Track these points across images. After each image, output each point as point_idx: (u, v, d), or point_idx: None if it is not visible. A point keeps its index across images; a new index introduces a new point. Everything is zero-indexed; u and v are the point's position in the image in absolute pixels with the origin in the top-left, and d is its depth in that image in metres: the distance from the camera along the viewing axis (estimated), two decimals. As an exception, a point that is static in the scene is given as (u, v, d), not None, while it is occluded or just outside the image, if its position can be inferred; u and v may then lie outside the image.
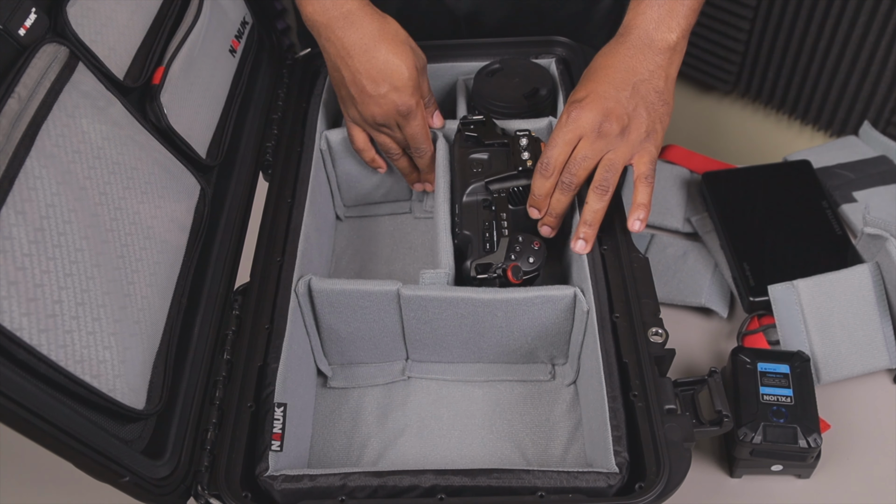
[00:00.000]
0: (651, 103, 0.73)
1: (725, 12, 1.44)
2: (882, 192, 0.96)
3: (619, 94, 0.72)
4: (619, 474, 0.60)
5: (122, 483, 0.55)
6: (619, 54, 0.75)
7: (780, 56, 1.41)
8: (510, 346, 0.78)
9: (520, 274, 0.73)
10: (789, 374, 0.75)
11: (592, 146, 0.72)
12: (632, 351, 0.67)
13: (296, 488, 0.61)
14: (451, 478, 0.61)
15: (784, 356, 0.76)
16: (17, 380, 0.48)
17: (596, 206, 0.73)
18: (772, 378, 0.75)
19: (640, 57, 0.74)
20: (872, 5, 1.21)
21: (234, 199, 0.82)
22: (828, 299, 0.80)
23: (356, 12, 0.78)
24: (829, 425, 0.78)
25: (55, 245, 0.54)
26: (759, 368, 0.75)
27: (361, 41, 0.78)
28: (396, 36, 0.79)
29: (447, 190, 0.81)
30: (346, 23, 0.78)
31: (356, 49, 0.78)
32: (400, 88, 0.78)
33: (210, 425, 0.65)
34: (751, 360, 0.76)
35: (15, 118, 0.54)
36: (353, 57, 0.78)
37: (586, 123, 0.72)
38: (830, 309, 0.80)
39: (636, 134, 0.72)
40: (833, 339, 0.79)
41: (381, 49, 0.78)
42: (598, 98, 0.72)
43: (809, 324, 0.79)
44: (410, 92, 0.79)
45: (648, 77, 0.74)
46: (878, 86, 1.28)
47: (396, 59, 0.78)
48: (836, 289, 0.80)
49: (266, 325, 0.71)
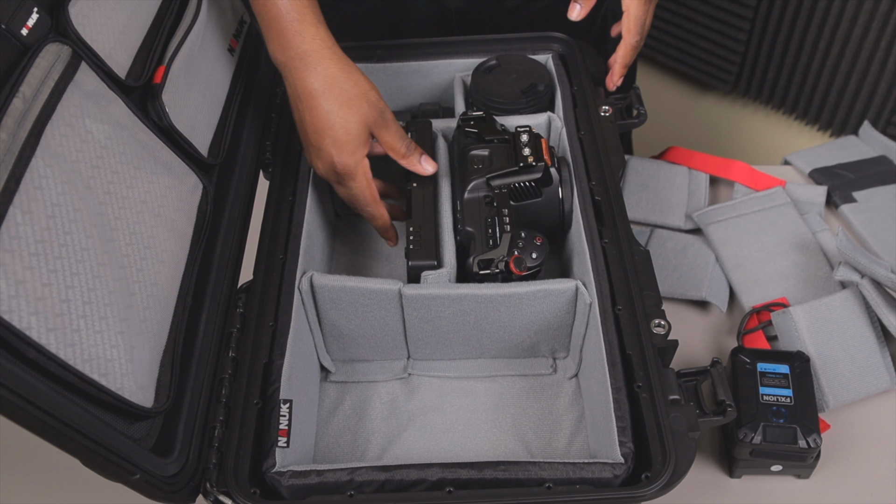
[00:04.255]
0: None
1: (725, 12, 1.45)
2: (882, 192, 0.97)
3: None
4: (624, 465, 0.61)
5: (133, 481, 0.55)
6: None
7: (780, 56, 1.41)
8: (512, 340, 0.78)
9: (523, 265, 0.73)
10: (789, 374, 0.75)
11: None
12: (635, 343, 0.68)
13: (303, 484, 0.61)
14: (458, 471, 0.61)
15: (784, 356, 0.77)
16: (27, 378, 0.48)
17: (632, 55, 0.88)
18: (771, 378, 0.75)
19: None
20: (872, 5, 1.22)
21: (235, 197, 0.82)
22: (825, 323, 0.80)
23: (313, 55, 0.73)
24: (829, 425, 0.78)
25: (62, 244, 0.54)
26: (759, 369, 0.76)
27: (311, 87, 0.73)
28: (353, 86, 0.74)
29: (448, 188, 0.81)
30: (302, 64, 0.73)
31: (304, 95, 0.74)
32: (340, 144, 0.74)
33: (217, 423, 0.65)
34: (750, 360, 0.76)
35: (20, 118, 0.54)
36: (301, 102, 0.75)
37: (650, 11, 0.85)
38: (829, 332, 0.80)
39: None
40: (836, 362, 0.79)
41: (327, 99, 0.73)
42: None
43: (810, 349, 0.79)
44: (351, 150, 0.74)
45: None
46: (878, 86, 1.29)
47: (342, 111, 0.73)
48: (831, 312, 0.80)
49: (270, 322, 0.71)
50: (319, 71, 0.74)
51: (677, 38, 1.57)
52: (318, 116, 0.74)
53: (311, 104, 0.74)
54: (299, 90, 0.75)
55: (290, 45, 0.74)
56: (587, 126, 0.85)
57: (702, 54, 1.54)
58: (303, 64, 0.74)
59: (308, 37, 0.74)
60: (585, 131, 0.85)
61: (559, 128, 0.87)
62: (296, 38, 0.73)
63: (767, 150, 1.56)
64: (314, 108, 0.74)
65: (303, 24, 0.73)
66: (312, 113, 0.74)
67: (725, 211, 0.94)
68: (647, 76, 1.72)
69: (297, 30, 0.73)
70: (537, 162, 0.78)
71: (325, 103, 0.73)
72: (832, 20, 1.28)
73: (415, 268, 0.74)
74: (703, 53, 1.54)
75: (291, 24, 0.73)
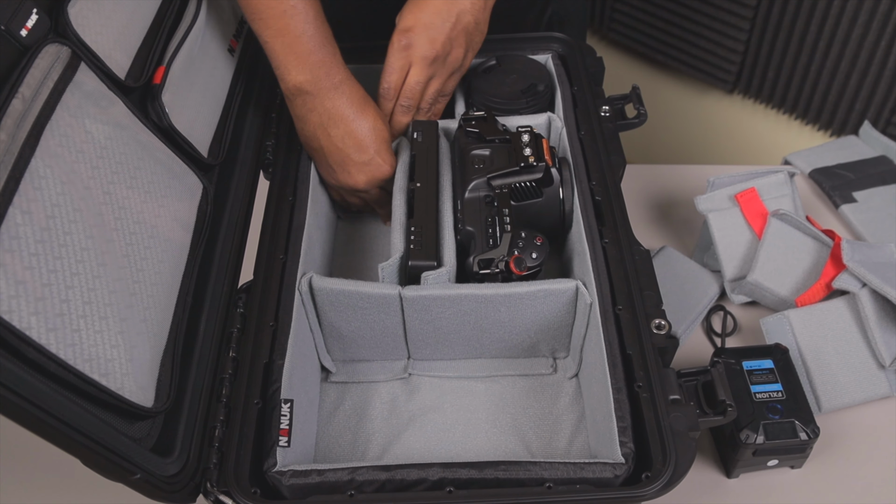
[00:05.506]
0: (470, 33, 0.82)
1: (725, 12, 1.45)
2: (882, 192, 0.97)
3: (444, 25, 0.80)
4: (625, 464, 0.61)
5: (134, 481, 0.56)
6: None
7: (780, 55, 1.42)
8: (512, 340, 0.78)
9: (523, 265, 0.73)
10: (774, 368, 0.76)
11: (422, 72, 0.82)
12: (635, 342, 0.67)
13: (304, 483, 0.61)
14: (458, 471, 0.61)
15: (763, 351, 0.77)
16: (27, 378, 0.48)
17: (403, 121, 0.85)
18: (759, 375, 0.75)
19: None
20: (872, 5, 1.22)
21: (235, 197, 0.82)
22: (819, 327, 0.80)
23: (346, 82, 0.79)
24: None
25: (61, 244, 0.54)
26: (745, 367, 0.76)
27: (343, 112, 0.79)
28: (370, 100, 0.82)
29: (450, 187, 0.81)
30: (337, 93, 0.78)
31: (338, 119, 0.79)
32: (383, 153, 0.82)
33: (217, 422, 0.65)
34: (735, 360, 0.76)
35: (19, 118, 0.54)
36: (333, 127, 0.79)
37: (416, 53, 0.80)
38: (824, 336, 0.80)
39: (454, 61, 0.83)
40: (829, 367, 0.79)
41: (362, 119, 0.80)
42: (424, 28, 0.79)
43: (805, 353, 0.80)
44: (391, 153, 0.83)
45: (470, 7, 0.80)
46: (878, 86, 1.29)
47: (376, 124, 0.80)
48: (827, 317, 0.81)
49: (270, 322, 0.71)
50: (349, 97, 0.79)
51: (677, 38, 1.58)
52: (358, 135, 0.80)
53: (349, 126, 0.79)
54: (333, 117, 0.79)
55: (327, 77, 0.78)
56: (587, 126, 0.85)
57: (702, 54, 1.54)
58: (337, 92, 0.79)
59: (341, 67, 0.79)
60: (585, 131, 0.85)
61: (559, 128, 0.87)
62: (332, 70, 0.78)
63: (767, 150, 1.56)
64: (352, 130, 0.80)
65: (335, 56, 0.78)
66: (351, 134, 0.80)
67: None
68: (647, 76, 1.72)
69: (332, 62, 0.78)
70: (538, 162, 0.78)
71: (360, 123, 0.80)
72: (832, 20, 1.28)
73: (415, 268, 0.74)
74: (703, 53, 1.54)
75: (327, 57, 0.77)
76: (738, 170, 0.95)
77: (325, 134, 0.80)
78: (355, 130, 0.80)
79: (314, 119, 0.80)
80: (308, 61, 0.76)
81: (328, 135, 0.80)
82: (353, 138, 0.80)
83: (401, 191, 0.80)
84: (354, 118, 0.79)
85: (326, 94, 0.78)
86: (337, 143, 0.80)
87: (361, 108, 0.80)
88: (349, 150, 0.80)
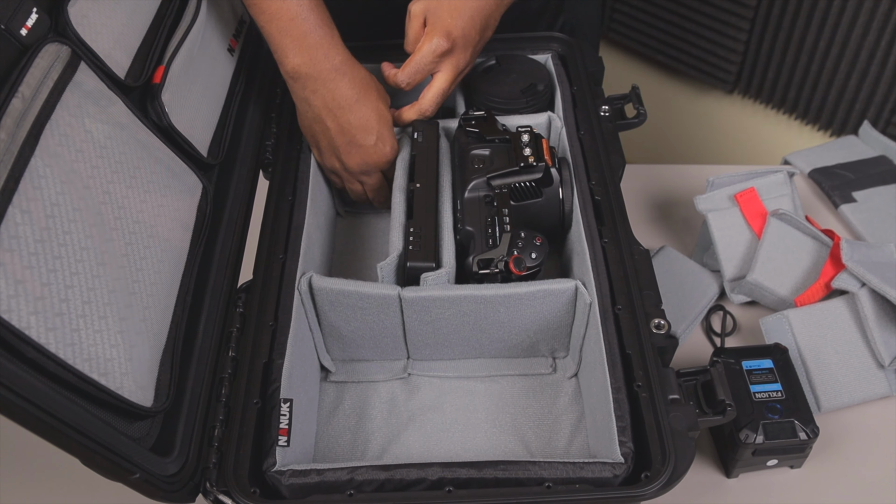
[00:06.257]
0: (485, 40, 0.84)
1: (725, 12, 1.45)
2: (882, 192, 0.97)
3: (478, 36, 0.82)
4: (624, 464, 0.61)
5: (133, 480, 0.55)
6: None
7: (780, 56, 1.42)
8: (512, 340, 0.78)
9: (522, 265, 0.73)
10: (773, 367, 0.76)
11: (449, 82, 0.83)
12: (634, 342, 0.67)
13: (304, 483, 0.61)
14: (457, 470, 0.61)
15: (763, 350, 0.77)
16: (27, 378, 0.48)
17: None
18: (759, 375, 0.75)
19: None
20: (872, 5, 1.22)
21: (235, 197, 0.82)
22: (819, 327, 0.80)
23: (346, 64, 0.78)
24: None
25: (61, 244, 0.54)
26: (745, 367, 0.76)
27: (346, 95, 0.78)
28: (374, 84, 0.81)
29: (449, 188, 0.81)
30: (338, 75, 0.78)
31: (343, 102, 0.79)
32: (385, 137, 0.82)
33: (217, 422, 0.65)
34: (734, 359, 0.76)
35: (19, 118, 0.54)
36: (338, 110, 0.79)
37: (451, 63, 0.82)
38: (823, 336, 0.80)
39: (469, 67, 0.85)
40: (829, 366, 0.79)
41: (364, 102, 0.79)
42: (464, 40, 0.81)
43: (804, 352, 0.80)
44: (393, 137, 0.83)
45: (495, 13, 0.83)
46: (878, 86, 1.29)
47: (379, 107, 0.81)
48: (826, 317, 0.81)
49: (270, 322, 0.71)
50: (351, 78, 0.79)
51: (677, 38, 1.58)
52: (362, 118, 0.80)
53: (353, 109, 0.79)
54: (337, 99, 0.78)
55: (326, 59, 0.77)
56: (587, 126, 0.85)
57: (702, 54, 1.54)
58: (338, 74, 0.78)
59: (341, 49, 0.78)
60: (585, 131, 0.85)
61: (559, 128, 0.87)
62: (330, 52, 0.77)
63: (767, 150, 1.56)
64: (356, 112, 0.79)
65: (333, 38, 0.78)
66: (355, 116, 0.79)
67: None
68: (647, 76, 1.72)
69: (331, 44, 0.77)
70: (538, 162, 0.78)
71: (363, 106, 0.79)
72: (832, 20, 1.28)
73: (413, 269, 0.74)
74: (703, 53, 1.54)
75: (324, 39, 0.77)
76: (738, 170, 0.95)
77: (329, 116, 0.80)
78: (359, 113, 0.79)
79: (317, 102, 0.79)
80: (304, 43, 0.76)
81: (333, 116, 0.79)
82: (357, 120, 0.79)
83: (400, 190, 0.80)
84: (358, 100, 0.79)
85: (328, 77, 0.78)
86: (342, 125, 0.80)
87: (364, 90, 0.79)
88: (354, 131, 0.80)
